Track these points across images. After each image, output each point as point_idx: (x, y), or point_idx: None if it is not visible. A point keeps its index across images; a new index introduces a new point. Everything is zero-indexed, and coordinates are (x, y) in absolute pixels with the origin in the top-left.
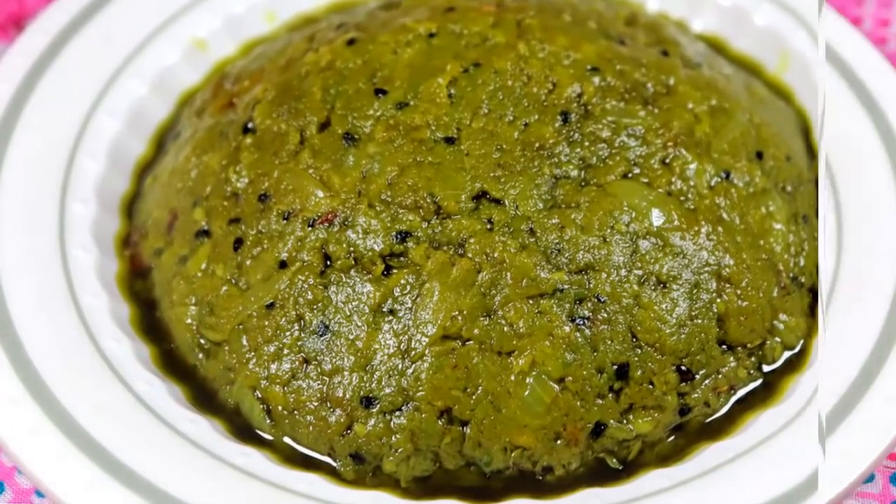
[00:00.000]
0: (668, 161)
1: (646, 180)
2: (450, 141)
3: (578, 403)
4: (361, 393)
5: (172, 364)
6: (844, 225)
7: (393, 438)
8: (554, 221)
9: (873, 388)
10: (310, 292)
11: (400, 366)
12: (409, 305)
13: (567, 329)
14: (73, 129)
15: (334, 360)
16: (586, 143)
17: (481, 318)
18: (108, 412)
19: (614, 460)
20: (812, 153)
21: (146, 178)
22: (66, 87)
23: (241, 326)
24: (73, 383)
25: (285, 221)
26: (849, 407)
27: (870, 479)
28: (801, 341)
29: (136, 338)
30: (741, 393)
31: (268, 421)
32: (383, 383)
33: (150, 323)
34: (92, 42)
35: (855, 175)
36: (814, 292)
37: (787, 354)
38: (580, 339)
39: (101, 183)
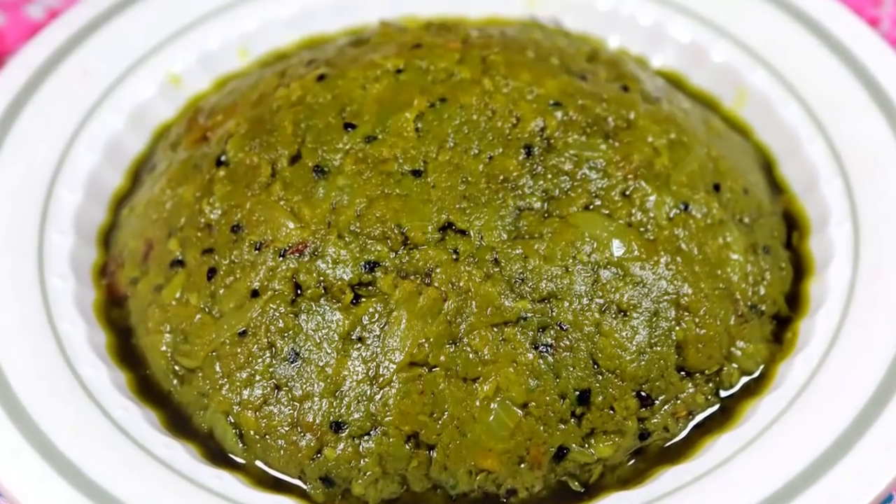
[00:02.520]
0: (628, 193)
1: (607, 212)
2: (417, 173)
3: (541, 428)
4: (331, 418)
5: (148, 390)
6: (861, 232)
7: (362, 462)
8: (518, 252)
9: (891, 404)
10: (281, 320)
11: (368, 392)
12: (378, 333)
13: (530, 356)
14: (51, 162)
15: (305, 386)
16: (549, 176)
17: (447, 346)
18: (85, 436)
19: (576, 483)
20: (776, 187)
21: (122, 209)
22: (45, 120)
23: (214, 353)
24: (52, 408)
25: (257, 252)
26: (865, 424)
27: (888, 499)
28: (762, 367)
29: (113, 364)
30: (699, 418)
31: (240, 445)
32: (352, 409)
33: (127, 350)
34: (70, 77)
35: (871, 180)
36: (778, 319)
37: (744, 380)
38: (543, 366)
39: (78, 214)
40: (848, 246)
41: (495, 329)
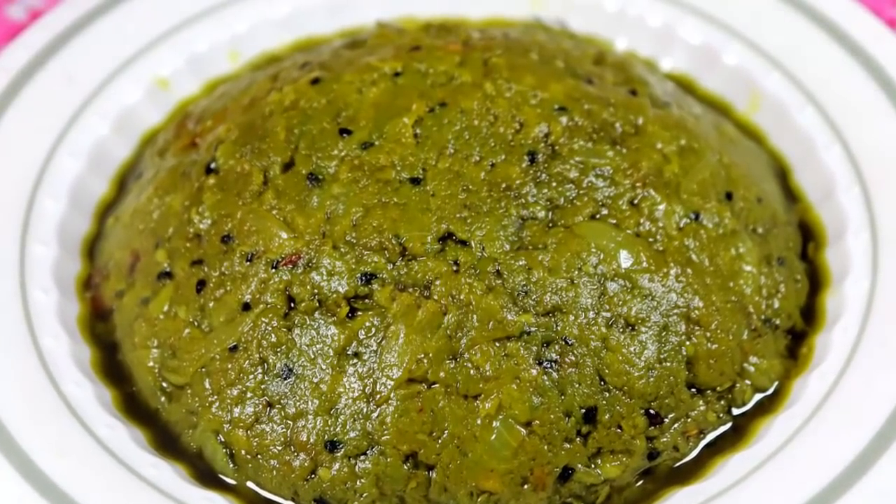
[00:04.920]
0: (636, 202)
1: (614, 221)
2: (415, 181)
3: (546, 447)
4: (326, 437)
5: (134, 408)
6: (880, 243)
7: (358, 483)
8: (521, 263)
9: None
10: (273, 335)
11: (365, 409)
12: (374, 348)
13: (534, 372)
14: (33, 170)
15: (298, 403)
16: (553, 184)
17: (447, 361)
18: (68, 456)
19: None
20: (791, 196)
21: (108, 218)
22: (26, 126)
23: (203, 369)
24: (34, 426)
25: (248, 263)
26: (885, 443)
27: None
28: (776, 383)
29: (98, 381)
30: (711, 437)
31: (231, 465)
32: (348, 427)
33: (112, 366)
34: (53, 81)
35: (892, 189)
36: (793, 334)
37: (758, 397)
38: (547, 383)
39: (62, 224)
40: (866, 257)
41: (497, 344)
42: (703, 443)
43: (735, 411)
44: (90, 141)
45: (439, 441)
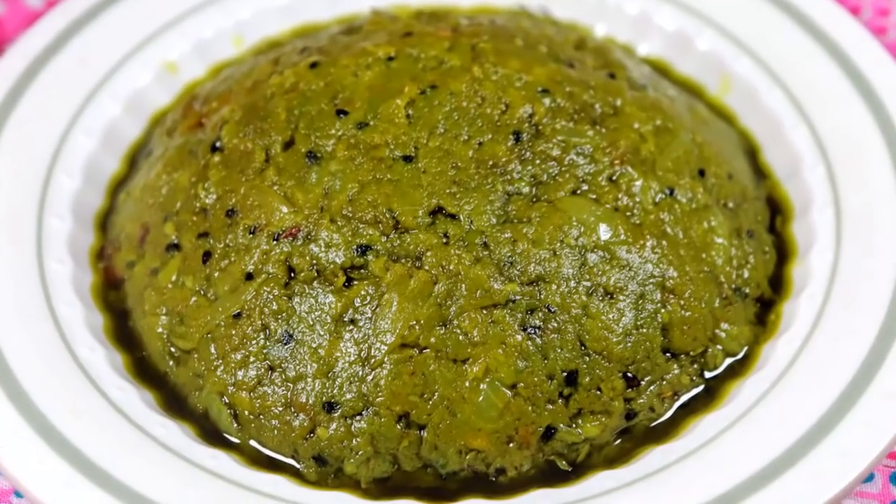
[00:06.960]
0: (615, 178)
1: (594, 196)
2: (408, 159)
3: (530, 408)
4: (324, 398)
5: (144, 371)
6: (843, 219)
7: (353, 442)
8: (506, 235)
9: (873, 385)
10: (275, 303)
11: (360, 372)
12: (369, 315)
13: (519, 338)
14: (50, 148)
15: (298, 367)
16: (537, 162)
17: (438, 328)
18: (83, 416)
19: (564, 462)
20: (760, 173)
21: (119, 193)
22: (43, 107)
23: (209, 335)
24: (50, 389)
25: (251, 235)
26: (847, 405)
27: (869, 478)
28: (746, 348)
29: (110, 346)
30: (684, 398)
31: (235, 425)
32: (344, 389)
33: (123, 332)
34: (68, 65)
35: (854, 167)
36: (761, 302)
37: (729, 361)
38: (531, 348)
39: (76, 198)
40: (830, 230)
41: (484, 311)
42: (677, 404)
43: (707, 374)
44: (103, 121)
45: (430, 402)
